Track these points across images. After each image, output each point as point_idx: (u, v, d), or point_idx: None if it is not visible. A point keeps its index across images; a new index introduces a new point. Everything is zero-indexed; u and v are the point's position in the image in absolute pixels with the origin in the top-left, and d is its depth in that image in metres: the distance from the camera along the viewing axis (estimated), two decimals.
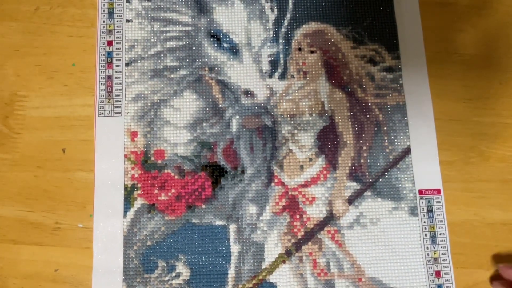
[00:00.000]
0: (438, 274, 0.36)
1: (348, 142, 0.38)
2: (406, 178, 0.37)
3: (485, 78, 0.40)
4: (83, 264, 0.36)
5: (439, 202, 0.37)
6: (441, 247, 0.36)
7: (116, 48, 0.39)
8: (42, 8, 0.40)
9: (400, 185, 0.37)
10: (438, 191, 0.37)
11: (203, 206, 0.36)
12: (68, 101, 0.39)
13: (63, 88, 0.39)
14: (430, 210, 0.37)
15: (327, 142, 0.38)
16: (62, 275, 0.36)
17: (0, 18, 0.40)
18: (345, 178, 0.37)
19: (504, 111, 0.39)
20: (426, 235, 0.36)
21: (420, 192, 0.37)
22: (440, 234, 0.36)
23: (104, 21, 0.39)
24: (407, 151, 0.38)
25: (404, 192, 0.37)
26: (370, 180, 0.37)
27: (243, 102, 0.38)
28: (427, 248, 0.36)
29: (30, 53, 0.40)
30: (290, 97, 0.38)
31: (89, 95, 0.38)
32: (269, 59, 0.39)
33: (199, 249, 0.36)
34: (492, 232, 0.37)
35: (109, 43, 0.39)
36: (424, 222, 0.37)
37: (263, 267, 0.36)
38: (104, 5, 0.39)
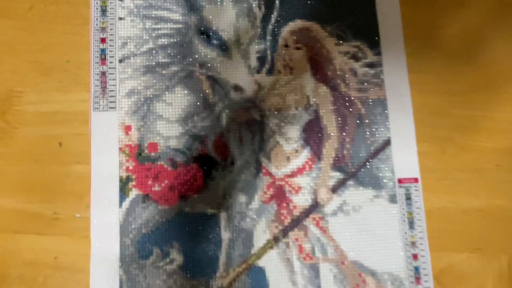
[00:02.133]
0: (415, 256, 0.38)
1: (332, 134, 0.40)
2: (386, 168, 0.40)
3: (463, 73, 0.42)
4: (81, 252, 0.37)
5: (417, 190, 0.39)
6: (419, 232, 0.39)
7: (110, 45, 0.40)
8: (36, 6, 0.41)
9: (381, 174, 0.40)
10: (416, 180, 0.40)
11: (195, 196, 0.38)
12: (64, 97, 0.40)
13: (58, 84, 0.40)
14: (408, 197, 0.39)
15: (312, 135, 0.40)
16: (61, 263, 0.38)
17: None
18: (329, 168, 0.39)
19: (481, 104, 0.41)
20: (404, 221, 0.39)
21: (399, 181, 0.40)
22: (417, 220, 0.39)
23: (97, 19, 0.40)
24: (387, 143, 0.40)
25: (384, 181, 0.39)
26: (353, 170, 0.39)
27: (232, 96, 0.40)
28: (405, 233, 0.39)
29: (25, 50, 0.40)
30: (277, 92, 0.40)
31: (84, 90, 0.39)
32: (257, 55, 0.41)
33: (192, 236, 0.38)
34: (466, 218, 0.39)
35: (103, 40, 0.40)
36: (403, 209, 0.39)
37: (252, 252, 0.38)
38: (97, 3, 0.40)
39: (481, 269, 0.39)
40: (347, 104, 0.40)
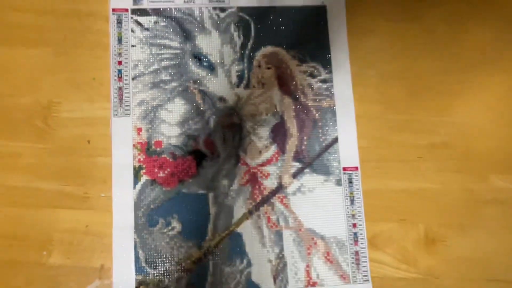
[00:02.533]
0: (354, 225, 0.50)
1: (293, 134, 0.51)
2: (334, 159, 0.51)
3: (394, 87, 0.52)
4: (106, 222, 0.47)
5: (357, 176, 0.50)
6: (357, 207, 0.50)
7: (125, 67, 0.50)
8: (69, 37, 0.50)
9: (330, 164, 0.51)
10: (356, 168, 0.50)
11: (190, 180, 0.49)
12: (90, 106, 0.49)
13: (86, 96, 0.49)
14: (350, 181, 0.50)
15: (278, 134, 0.51)
16: (91, 230, 0.47)
17: (38, 44, 0.50)
18: (291, 159, 0.51)
19: (407, 110, 0.52)
20: (347, 199, 0.50)
21: (344, 169, 0.50)
22: (357, 198, 0.50)
23: (115, 46, 0.50)
24: (335, 140, 0.51)
25: (333, 169, 0.51)
26: (309, 161, 0.50)
27: (218, 106, 0.51)
28: (347, 208, 0.50)
29: (61, 70, 0.50)
30: (252, 102, 0.51)
31: (105, 101, 0.49)
32: (237, 73, 0.51)
33: (188, 210, 0.48)
34: (393, 197, 0.50)
35: (119, 63, 0.50)
36: (346, 190, 0.50)
37: (233, 222, 0.48)
38: (114, 34, 0.51)
39: (404, 235, 0.50)
40: (305, 111, 0.52)
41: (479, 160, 0.52)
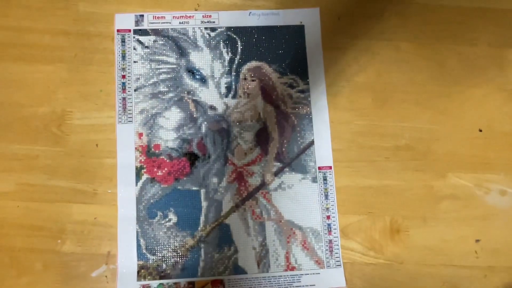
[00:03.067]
0: (328, 217, 0.55)
1: (275, 138, 0.56)
2: (310, 160, 0.56)
3: (363, 97, 0.57)
4: (111, 214, 0.52)
5: (330, 174, 0.55)
6: (331, 201, 0.55)
7: (128, 80, 0.55)
8: (79, 54, 0.56)
9: (307, 164, 0.56)
10: (330, 167, 0.55)
11: (184, 178, 0.54)
12: (98, 114, 0.54)
13: (94, 106, 0.55)
14: (325, 179, 0.55)
15: (262, 138, 0.55)
16: (99, 221, 0.52)
17: (53, 61, 0.55)
18: (272, 160, 0.56)
19: (374, 117, 0.56)
20: (322, 194, 0.55)
21: (319, 168, 0.55)
22: (330, 194, 0.55)
23: (119, 62, 0.56)
24: (312, 143, 0.56)
25: (309, 168, 0.55)
26: (288, 161, 0.56)
27: (209, 113, 0.56)
28: (322, 202, 0.55)
29: (73, 84, 0.55)
30: (239, 110, 0.56)
31: (111, 110, 0.55)
32: (225, 85, 0.56)
33: (182, 204, 0.53)
34: (362, 192, 0.55)
35: (123, 76, 0.55)
36: (321, 186, 0.55)
37: (221, 214, 0.53)
38: (119, 52, 0.56)
39: (372, 225, 0.55)
40: (285, 117, 0.57)
41: (438, 160, 0.57)
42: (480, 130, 0.58)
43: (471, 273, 0.54)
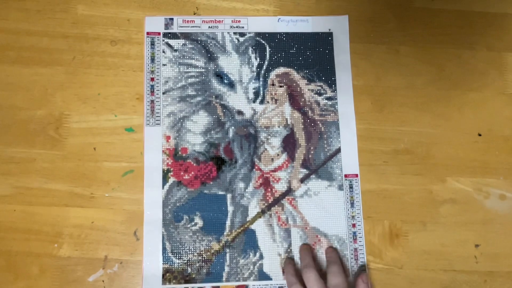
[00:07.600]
0: (353, 225, 0.55)
1: (302, 144, 0.57)
2: (337, 167, 0.56)
3: (362, 100, 0.57)
4: (109, 218, 0.52)
5: (357, 182, 0.55)
6: (357, 209, 0.55)
7: (156, 83, 0.55)
8: (77, 57, 0.55)
9: (333, 171, 0.55)
10: (356, 175, 0.55)
11: (211, 183, 0.54)
12: (96, 118, 0.54)
13: (92, 109, 0.54)
14: (351, 187, 0.55)
15: (289, 144, 0.55)
16: (96, 225, 0.51)
17: (51, 64, 0.55)
18: (299, 166, 0.56)
19: (374, 120, 0.56)
20: (347, 202, 0.55)
21: (346, 175, 0.55)
22: (356, 202, 0.55)
23: (148, 65, 0.56)
24: (338, 150, 0.56)
25: (335, 175, 0.55)
26: (315, 168, 0.56)
27: (236, 118, 0.56)
28: (348, 210, 0.55)
29: (71, 87, 0.54)
30: (266, 116, 0.57)
31: (109, 114, 0.54)
32: (253, 90, 0.56)
33: (208, 209, 0.53)
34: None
35: (152, 79, 0.55)
36: (347, 194, 0.55)
37: (247, 220, 0.53)
38: (148, 54, 0.57)
39: (371, 230, 0.55)
40: (312, 124, 0.57)
41: (438, 164, 0.57)
42: (480, 134, 0.58)
43: (470, 278, 0.54)
